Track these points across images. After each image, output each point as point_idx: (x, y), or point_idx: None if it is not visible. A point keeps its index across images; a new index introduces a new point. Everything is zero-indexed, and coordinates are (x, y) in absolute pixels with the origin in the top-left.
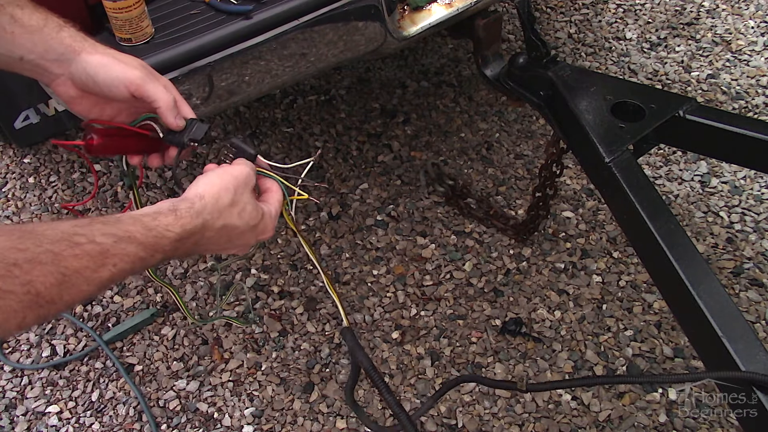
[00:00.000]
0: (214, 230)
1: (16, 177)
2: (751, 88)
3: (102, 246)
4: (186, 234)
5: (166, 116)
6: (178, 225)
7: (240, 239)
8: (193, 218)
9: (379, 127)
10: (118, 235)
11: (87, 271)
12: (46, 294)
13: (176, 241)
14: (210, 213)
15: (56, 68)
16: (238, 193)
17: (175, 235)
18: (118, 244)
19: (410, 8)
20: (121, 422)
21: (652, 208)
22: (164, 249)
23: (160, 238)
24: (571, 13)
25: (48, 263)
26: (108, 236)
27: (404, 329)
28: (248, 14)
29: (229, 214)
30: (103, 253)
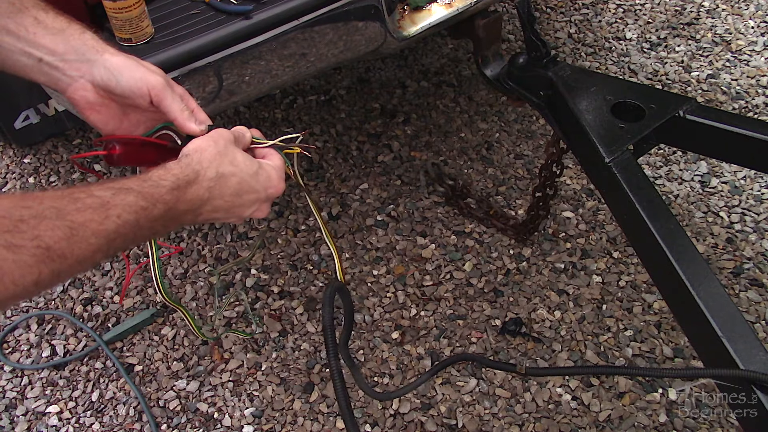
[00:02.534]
0: (209, 179)
1: (16, 177)
2: (751, 88)
3: (102, 198)
4: (181, 183)
5: (183, 126)
6: (170, 174)
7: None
8: (183, 168)
9: (379, 127)
10: (116, 187)
11: (93, 224)
12: (56, 248)
13: (173, 190)
14: (198, 162)
15: (76, 70)
16: (221, 145)
17: (170, 183)
18: (117, 195)
19: (410, 8)
20: (121, 422)
21: (652, 208)
22: (164, 199)
23: (156, 187)
24: (571, 13)
25: (53, 218)
26: (106, 189)
27: (404, 329)
28: (248, 14)
29: (219, 163)
30: (104, 205)
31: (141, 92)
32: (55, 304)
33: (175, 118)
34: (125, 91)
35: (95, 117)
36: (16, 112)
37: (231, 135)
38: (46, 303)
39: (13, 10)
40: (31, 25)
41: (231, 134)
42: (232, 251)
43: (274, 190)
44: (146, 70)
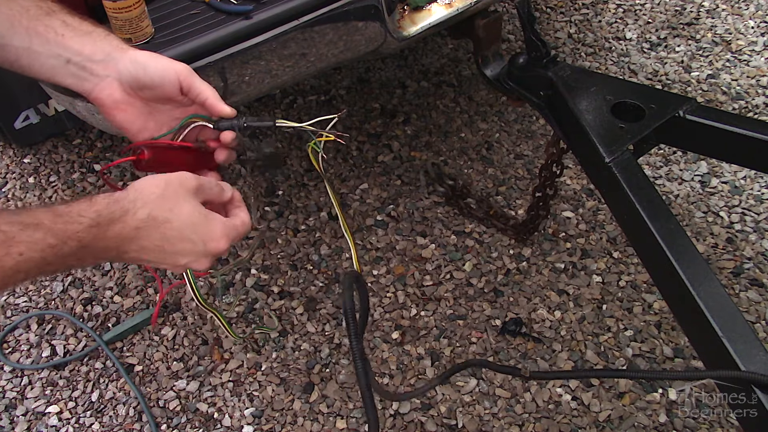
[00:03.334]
0: (138, 220)
1: (16, 177)
2: (751, 88)
3: (6, 234)
4: (102, 220)
5: (215, 105)
6: (91, 210)
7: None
8: (110, 205)
9: (379, 127)
10: (26, 222)
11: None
12: None
13: (92, 227)
14: (132, 201)
15: (102, 69)
16: (170, 189)
17: (88, 221)
18: (24, 231)
19: (410, 8)
20: (121, 422)
21: (652, 208)
22: (78, 236)
23: (70, 223)
24: (571, 13)
25: None
26: (15, 224)
27: (404, 329)
28: (248, 14)
29: (155, 206)
30: (7, 241)
31: (169, 78)
32: (55, 304)
33: (207, 98)
34: (154, 79)
35: (121, 116)
36: (16, 112)
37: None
38: (46, 303)
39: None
40: (59, 27)
41: (194, 181)
42: (231, 251)
43: (215, 246)
44: (171, 60)
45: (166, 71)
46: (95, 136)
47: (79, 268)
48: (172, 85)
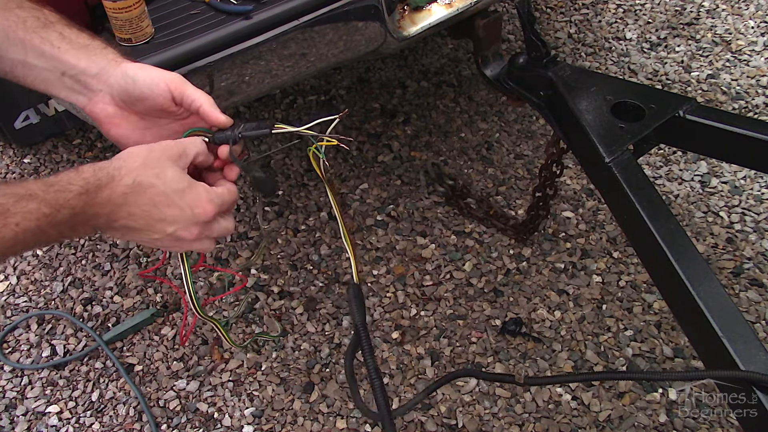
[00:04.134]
0: (125, 185)
1: (16, 177)
2: (751, 88)
3: (2, 206)
4: (91, 187)
5: (210, 114)
6: (79, 178)
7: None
8: (96, 172)
9: (379, 127)
10: (19, 193)
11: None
12: None
13: (81, 194)
14: (117, 168)
15: (96, 83)
16: (152, 156)
17: (78, 188)
18: (18, 203)
19: (410, 8)
20: (121, 422)
21: (652, 208)
22: (70, 204)
23: (61, 191)
24: (571, 13)
25: None
26: (8, 196)
27: (404, 329)
28: (248, 14)
29: (140, 172)
30: (4, 213)
31: (159, 89)
32: (55, 304)
33: (201, 105)
34: (144, 91)
35: (116, 131)
36: (16, 112)
37: (175, 149)
38: (46, 303)
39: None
40: (56, 39)
41: (177, 148)
42: (231, 251)
43: (202, 211)
44: (162, 70)
45: (155, 82)
46: (95, 136)
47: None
48: (163, 96)
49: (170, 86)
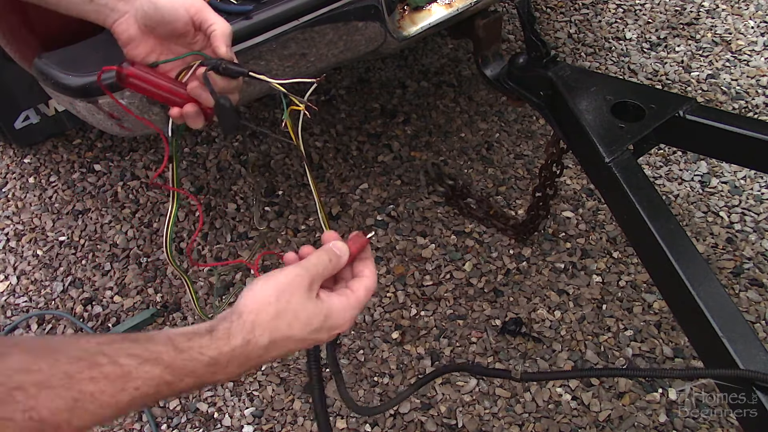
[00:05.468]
0: (261, 347)
1: (16, 177)
2: (751, 88)
3: (124, 368)
4: (223, 357)
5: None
6: (212, 348)
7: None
8: (231, 339)
9: (379, 127)
10: (144, 356)
11: (104, 396)
12: (51, 420)
13: (211, 365)
14: (250, 331)
15: (123, 5)
16: (283, 301)
17: (208, 359)
18: (142, 366)
19: (410, 8)
20: (121, 422)
21: (652, 208)
22: (195, 373)
23: (190, 361)
24: (571, 13)
25: (59, 386)
26: (133, 357)
27: (404, 329)
28: (248, 14)
29: (275, 328)
30: (125, 376)
31: (179, 14)
32: (55, 304)
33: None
34: (164, 15)
35: (134, 53)
36: (16, 112)
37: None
38: (46, 303)
39: None
40: None
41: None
42: (232, 251)
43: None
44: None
45: (175, 8)
46: (95, 136)
47: None
48: (183, 20)
49: (190, 11)
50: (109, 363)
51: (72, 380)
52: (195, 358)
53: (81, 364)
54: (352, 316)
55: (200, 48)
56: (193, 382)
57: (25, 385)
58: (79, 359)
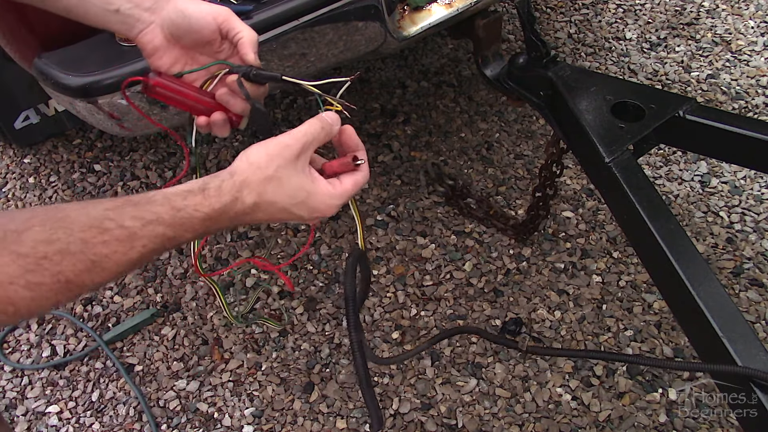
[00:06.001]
0: (247, 205)
1: (16, 177)
2: (751, 88)
3: (130, 230)
4: (215, 213)
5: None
6: (205, 205)
7: (284, 214)
8: (222, 196)
9: (379, 127)
10: (147, 218)
11: (117, 255)
12: (76, 280)
13: (205, 220)
14: (239, 190)
15: (148, 16)
16: (273, 167)
17: (202, 215)
18: (146, 227)
19: (410, 8)
20: (121, 422)
21: (652, 208)
22: (194, 228)
23: (188, 218)
24: (571, 13)
25: (77, 252)
26: (136, 219)
27: (404, 329)
28: (248, 14)
29: (262, 190)
30: (131, 237)
31: (207, 21)
32: None
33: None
34: (192, 24)
35: (158, 63)
36: (16, 112)
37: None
38: None
39: None
40: None
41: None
42: (232, 251)
43: (322, 214)
44: (211, 4)
45: (202, 15)
46: (95, 136)
47: None
48: (210, 29)
49: (218, 19)
50: (116, 227)
51: (87, 245)
52: (191, 215)
53: (93, 231)
54: (335, 205)
55: (225, 57)
56: (191, 236)
57: (49, 254)
58: (90, 227)
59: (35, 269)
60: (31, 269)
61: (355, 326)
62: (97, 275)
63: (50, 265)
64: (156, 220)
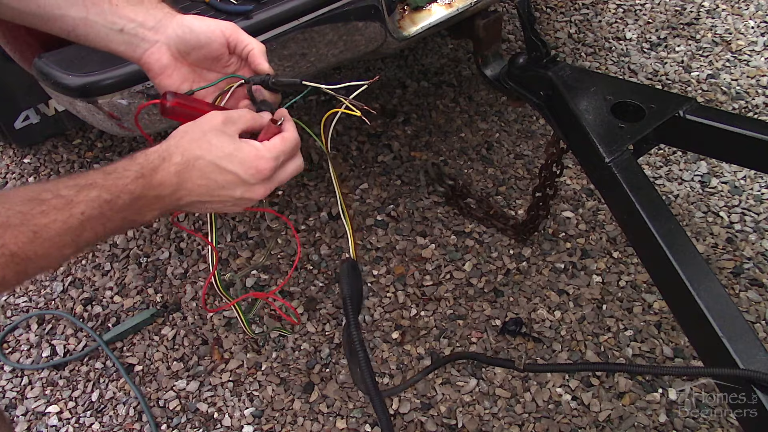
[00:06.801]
0: (175, 164)
1: (16, 177)
2: (751, 88)
3: (66, 197)
4: (145, 171)
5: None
6: (134, 164)
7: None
8: (149, 155)
9: (379, 127)
10: (81, 184)
11: (56, 224)
12: (20, 252)
13: (138, 179)
14: (166, 149)
15: (153, 35)
16: (199, 130)
17: (133, 173)
18: (81, 192)
19: (410, 8)
20: (121, 422)
21: (652, 208)
22: (128, 189)
23: (119, 178)
24: (571, 13)
25: (18, 224)
26: (71, 187)
27: (404, 329)
28: (248, 14)
29: (187, 147)
30: (68, 204)
31: (215, 36)
32: (55, 304)
33: (252, 50)
34: (200, 39)
35: (167, 82)
36: (16, 112)
37: (218, 117)
38: (46, 303)
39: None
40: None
41: (219, 116)
42: (231, 251)
43: (256, 171)
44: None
45: (210, 30)
46: (95, 136)
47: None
48: (219, 43)
49: (225, 33)
50: (53, 197)
51: (26, 216)
52: (123, 175)
53: (32, 203)
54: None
55: (233, 71)
56: (130, 199)
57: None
58: (29, 200)
59: None
60: None
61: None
62: (40, 246)
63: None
64: (90, 184)
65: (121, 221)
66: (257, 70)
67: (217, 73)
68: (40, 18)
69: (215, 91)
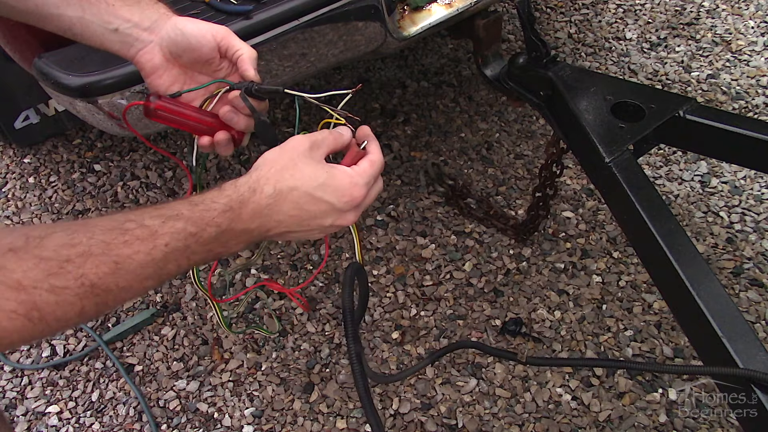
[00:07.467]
0: (266, 196)
1: (16, 177)
2: (751, 88)
3: (150, 228)
4: (234, 204)
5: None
6: (222, 196)
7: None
8: (239, 188)
9: (379, 127)
10: (166, 214)
11: (139, 255)
12: (100, 283)
13: (225, 212)
14: (256, 180)
15: (147, 35)
16: (286, 158)
17: (221, 206)
18: (166, 224)
19: (410, 8)
20: (121, 422)
21: (652, 208)
22: (215, 222)
23: (206, 210)
24: (571, 13)
25: (100, 254)
26: (156, 218)
27: (404, 329)
28: (248, 14)
29: (278, 178)
30: (153, 235)
31: (206, 40)
32: None
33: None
34: (191, 42)
35: (157, 82)
36: (16, 112)
37: (305, 143)
38: None
39: None
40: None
41: (306, 142)
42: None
43: (351, 198)
44: (210, 23)
45: (201, 33)
46: (95, 136)
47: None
48: (209, 47)
49: (217, 37)
50: (137, 227)
51: (109, 246)
52: (210, 207)
53: (114, 233)
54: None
55: (224, 75)
56: (216, 233)
57: (71, 257)
58: (111, 229)
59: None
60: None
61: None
62: (121, 278)
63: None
64: (176, 215)
65: (205, 254)
66: (243, 76)
67: (207, 76)
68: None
69: (204, 93)
